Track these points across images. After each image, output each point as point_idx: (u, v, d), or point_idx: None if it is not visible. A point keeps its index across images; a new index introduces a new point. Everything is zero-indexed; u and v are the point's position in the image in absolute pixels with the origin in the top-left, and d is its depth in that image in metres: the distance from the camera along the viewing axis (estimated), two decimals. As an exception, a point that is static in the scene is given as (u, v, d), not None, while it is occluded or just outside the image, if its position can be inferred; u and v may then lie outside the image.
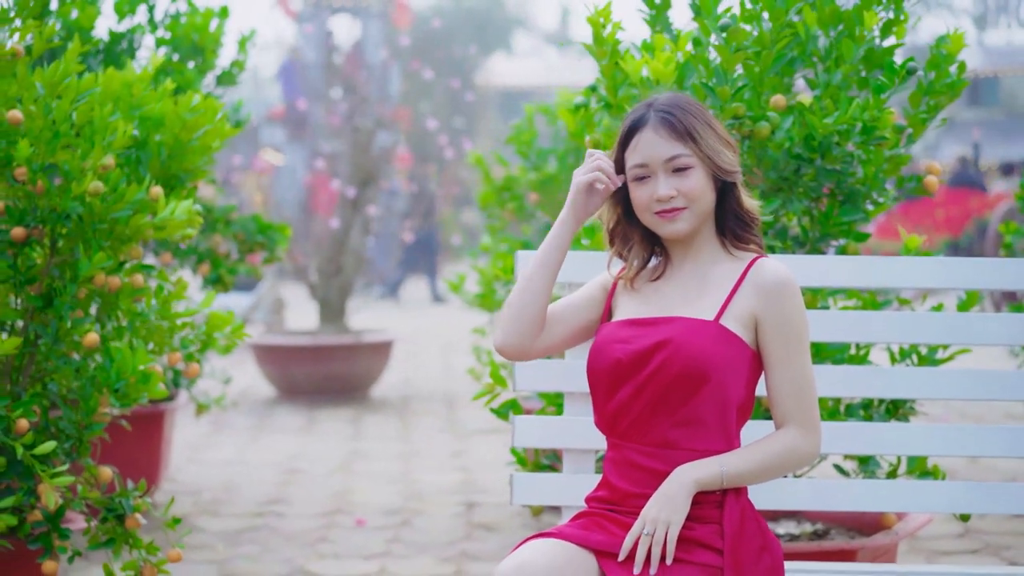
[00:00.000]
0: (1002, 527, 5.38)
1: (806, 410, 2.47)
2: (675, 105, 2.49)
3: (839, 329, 3.00)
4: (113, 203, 3.45)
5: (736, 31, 3.12)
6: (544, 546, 2.40)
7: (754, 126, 3.17)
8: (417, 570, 4.76)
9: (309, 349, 8.99)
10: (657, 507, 2.38)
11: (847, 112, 3.17)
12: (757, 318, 2.47)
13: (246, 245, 5.72)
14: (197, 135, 3.83)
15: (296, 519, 5.58)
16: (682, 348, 2.42)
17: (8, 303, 3.56)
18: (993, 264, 2.95)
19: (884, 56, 3.41)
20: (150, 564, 3.42)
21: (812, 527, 3.83)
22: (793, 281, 2.49)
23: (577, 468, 2.96)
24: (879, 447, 3.06)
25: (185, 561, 4.72)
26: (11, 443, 3.25)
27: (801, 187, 3.33)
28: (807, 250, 3.42)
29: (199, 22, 5.43)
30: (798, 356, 2.47)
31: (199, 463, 6.89)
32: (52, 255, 3.53)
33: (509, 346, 2.56)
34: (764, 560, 2.42)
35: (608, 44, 3.31)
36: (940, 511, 3.00)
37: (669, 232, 2.49)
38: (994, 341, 3.02)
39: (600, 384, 2.52)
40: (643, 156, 2.48)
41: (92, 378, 3.45)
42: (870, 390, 3.04)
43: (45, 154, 3.45)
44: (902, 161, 3.53)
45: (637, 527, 2.38)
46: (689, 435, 2.44)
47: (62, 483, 3.25)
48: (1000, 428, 2.98)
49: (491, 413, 3.51)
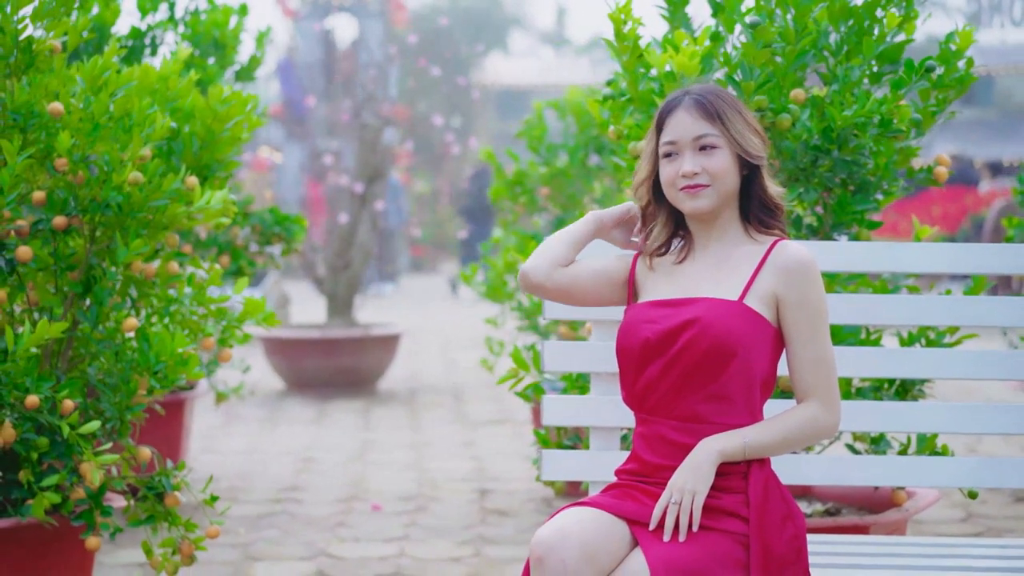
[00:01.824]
0: (1004, 512, 5.52)
1: (826, 385, 2.60)
2: (709, 91, 2.63)
3: (852, 312, 3.12)
4: (151, 193, 3.57)
5: (763, 29, 3.25)
6: (581, 514, 2.52)
7: (776, 118, 3.30)
8: (436, 553, 4.89)
9: (318, 342, 9.12)
10: (683, 477, 2.51)
11: (865, 106, 3.31)
12: (779, 297, 2.59)
13: (264, 237, 5.85)
14: (228, 126, 3.96)
15: (314, 505, 5.70)
16: (709, 327, 2.54)
17: (49, 290, 3.68)
18: (997, 250, 3.08)
19: (896, 52, 3.54)
20: (188, 540, 3.55)
21: (824, 507, 3.96)
22: (814, 262, 2.61)
23: (603, 445, 3.09)
24: (889, 425, 3.19)
25: (209, 545, 4.85)
26: (57, 423, 3.37)
27: (817, 178, 3.46)
28: (820, 238, 3.55)
29: (219, 19, 5.57)
30: (818, 334, 2.59)
31: (214, 452, 7.02)
32: (91, 243, 3.65)
33: (534, 273, 2.70)
34: (788, 528, 2.55)
35: (629, 40, 3.44)
36: (949, 486, 3.13)
37: (691, 208, 2.62)
38: (999, 323, 3.15)
39: (630, 362, 2.64)
40: (674, 134, 2.61)
41: (131, 361, 3.57)
42: (880, 370, 3.17)
43: (85, 145, 3.57)
44: (912, 153, 3.66)
45: (665, 496, 2.51)
46: (716, 410, 2.57)
47: (107, 462, 3.37)
48: (1006, 406, 3.11)
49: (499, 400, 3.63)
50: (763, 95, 3.27)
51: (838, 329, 3.44)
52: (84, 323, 3.62)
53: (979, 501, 5.70)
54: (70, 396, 3.43)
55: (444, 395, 9.27)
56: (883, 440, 3.66)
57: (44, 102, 3.61)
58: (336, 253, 9.58)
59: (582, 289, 2.75)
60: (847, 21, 3.43)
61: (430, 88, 20.57)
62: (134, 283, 3.71)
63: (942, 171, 3.57)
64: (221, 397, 5.86)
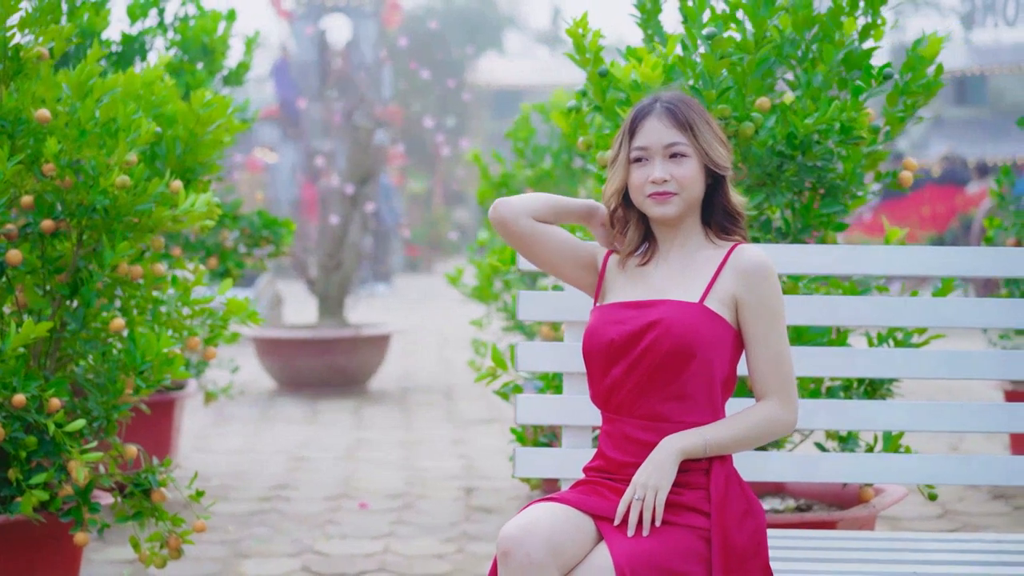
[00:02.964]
0: (981, 508, 5.61)
1: (784, 383, 2.69)
2: (680, 100, 2.72)
3: (821, 313, 3.21)
4: (137, 196, 3.66)
5: (720, 40, 3.35)
6: (547, 509, 2.61)
7: (739, 125, 3.39)
8: (420, 550, 4.98)
9: (310, 342, 9.22)
10: (646, 474, 2.60)
11: (827, 112, 3.40)
12: (738, 299, 2.68)
13: (252, 239, 5.94)
14: (210, 130, 4.05)
15: (303, 503, 5.79)
16: (671, 328, 2.63)
17: (37, 291, 3.77)
18: (960, 252, 3.17)
19: (863, 59, 3.62)
20: (175, 535, 3.64)
21: (795, 503, 4.05)
22: (771, 265, 2.70)
23: (575, 443, 3.17)
24: (857, 423, 3.27)
25: (199, 542, 4.94)
26: (44, 421, 3.46)
27: (783, 182, 3.55)
28: (790, 240, 3.64)
29: (208, 25, 5.65)
30: (775, 333, 2.69)
31: (206, 451, 7.10)
32: (79, 246, 3.74)
33: (505, 206, 2.79)
34: (748, 523, 2.64)
35: (591, 51, 3.53)
36: (912, 482, 3.22)
37: (658, 214, 2.71)
38: (966, 324, 3.24)
39: (595, 363, 2.73)
40: (645, 140, 2.70)
41: (118, 361, 3.66)
42: (848, 370, 3.26)
43: (72, 150, 3.66)
44: (880, 157, 3.75)
45: (629, 493, 2.60)
46: (678, 408, 2.65)
47: (92, 460, 3.46)
48: (969, 404, 3.20)
49: (490, 399, 3.73)
50: (725, 103, 3.36)
51: (805, 330, 3.53)
52: (71, 324, 3.71)
53: (957, 499, 5.80)
54: (57, 395, 3.52)
55: (435, 394, 9.36)
56: (851, 439, 3.74)
57: (32, 108, 3.70)
58: (327, 254, 9.68)
59: (542, 246, 2.82)
60: (811, 29, 3.52)
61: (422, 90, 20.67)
62: (120, 284, 3.79)
63: (907, 175, 3.66)
64: (210, 397, 5.94)
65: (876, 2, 3.63)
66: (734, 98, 3.47)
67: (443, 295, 18.94)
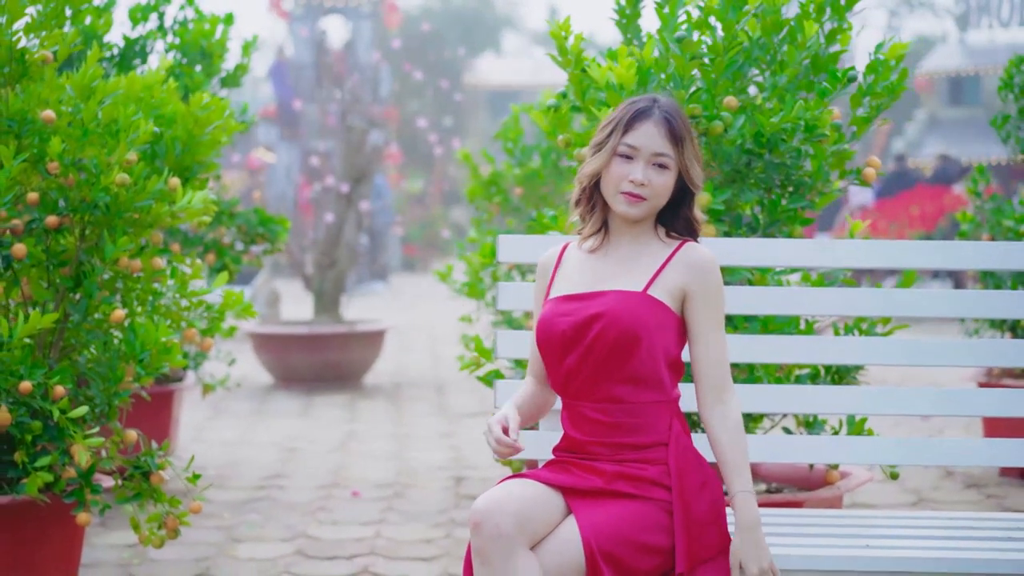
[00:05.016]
0: (954, 496, 5.79)
1: (726, 372, 2.87)
2: (677, 112, 2.88)
3: (789, 303, 3.39)
4: (137, 194, 3.84)
5: (690, 42, 3.53)
6: (518, 484, 2.79)
7: (709, 124, 3.58)
8: (410, 535, 5.16)
9: (305, 338, 9.40)
10: (756, 560, 2.74)
11: (791, 112, 3.58)
12: (685, 291, 2.86)
13: (248, 236, 6.12)
14: (208, 131, 4.24)
15: (296, 491, 5.98)
16: (617, 318, 2.81)
17: (41, 284, 3.95)
18: (915, 246, 3.35)
19: (829, 62, 3.81)
20: (173, 516, 3.82)
21: (766, 486, 4.24)
22: (717, 262, 2.90)
23: (550, 426, 3.35)
24: (822, 408, 3.46)
25: (195, 528, 5.12)
26: (49, 407, 3.64)
27: (752, 179, 3.73)
28: (759, 235, 3.82)
29: (206, 29, 5.84)
30: (719, 324, 2.88)
31: (203, 443, 7.29)
32: (81, 241, 3.92)
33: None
34: (706, 494, 2.82)
35: (572, 54, 3.71)
36: (872, 462, 3.41)
37: (624, 212, 2.88)
38: (925, 314, 3.42)
39: (550, 353, 2.91)
40: (637, 141, 2.85)
41: (118, 350, 3.84)
42: (813, 356, 3.44)
43: (75, 150, 3.84)
44: (847, 156, 3.93)
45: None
46: (630, 390, 2.83)
47: (95, 444, 3.64)
48: (927, 390, 3.39)
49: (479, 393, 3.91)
50: (696, 103, 3.54)
51: (771, 319, 3.71)
52: (74, 315, 3.89)
53: (932, 487, 5.98)
54: (61, 383, 3.70)
55: (427, 389, 9.55)
56: (817, 425, 3.93)
57: (37, 109, 3.88)
58: (323, 252, 9.86)
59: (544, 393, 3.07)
60: (779, 33, 3.71)
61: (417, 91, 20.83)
62: (121, 277, 3.97)
63: (870, 172, 3.84)
64: (208, 389, 6.13)
65: (841, 8, 3.82)
66: (705, 99, 3.65)
67: (437, 293, 19.12)
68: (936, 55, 27.07)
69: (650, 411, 2.84)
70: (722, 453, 2.82)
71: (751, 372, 3.77)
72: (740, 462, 2.81)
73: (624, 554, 2.72)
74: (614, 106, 3.45)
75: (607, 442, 2.84)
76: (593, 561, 2.69)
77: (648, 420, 2.83)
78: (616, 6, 4.17)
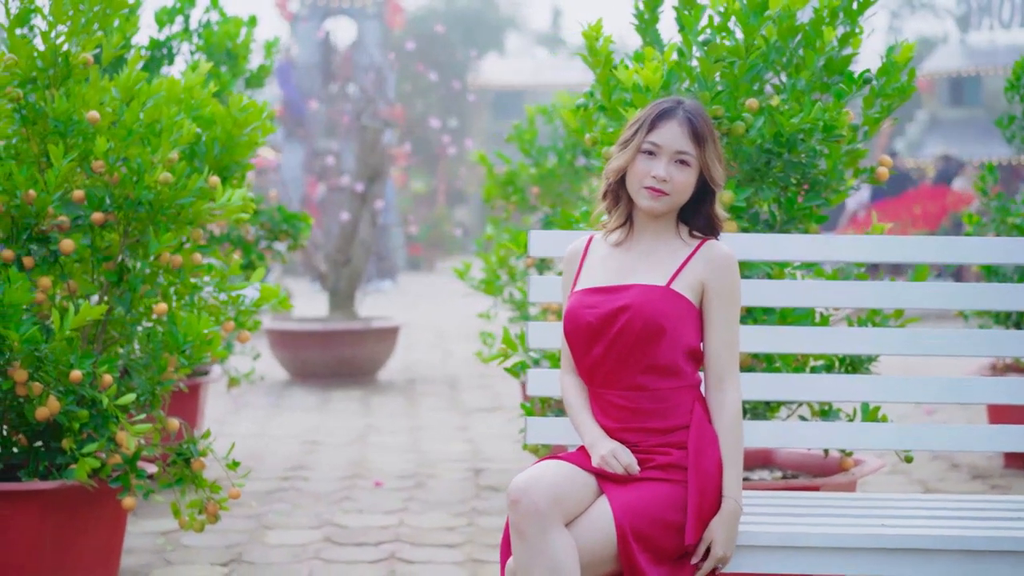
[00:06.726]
0: (961, 487, 5.95)
1: (734, 362, 3.05)
2: (700, 114, 3.04)
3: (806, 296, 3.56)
4: (178, 191, 4.00)
5: (715, 46, 3.70)
6: (553, 464, 2.95)
7: (731, 125, 3.75)
8: (433, 523, 5.33)
9: (321, 334, 9.57)
10: (724, 547, 2.93)
11: (810, 113, 3.75)
12: (705, 285, 3.04)
13: (272, 233, 6.29)
14: (246, 131, 4.41)
15: (320, 482, 6.14)
16: (641, 310, 2.98)
17: (87, 278, 4.11)
18: (920, 241, 3.52)
19: (843, 64, 3.97)
20: (213, 501, 3.98)
21: (783, 474, 4.40)
22: (736, 260, 3.07)
23: (581, 413, 3.51)
24: (837, 395, 3.62)
25: (226, 516, 5.28)
26: (98, 395, 3.81)
27: (771, 178, 3.90)
28: (776, 231, 3.99)
29: (231, 30, 6.00)
30: (734, 319, 3.06)
31: (225, 435, 7.44)
32: (125, 236, 4.09)
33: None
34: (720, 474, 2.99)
35: (601, 55, 3.88)
36: (885, 448, 3.57)
37: (646, 207, 3.04)
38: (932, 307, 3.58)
39: (577, 344, 3.08)
40: (661, 138, 3.01)
41: (161, 342, 4.00)
42: (826, 347, 3.60)
43: (119, 149, 4.01)
44: (860, 155, 4.09)
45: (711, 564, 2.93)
46: (654, 379, 3.01)
47: (141, 431, 3.81)
48: (936, 378, 3.55)
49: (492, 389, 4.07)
50: (718, 104, 3.71)
51: (790, 312, 3.87)
52: (118, 308, 4.05)
53: (938, 478, 6.14)
54: (109, 372, 3.86)
55: (440, 384, 9.72)
56: (831, 413, 4.09)
57: (82, 111, 4.05)
58: (337, 249, 10.03)
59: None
60: (795, 37, 3.87)
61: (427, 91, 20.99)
62: (163, 272, 4.14)
63: (883, 171, 4.00)
64: (234, 382, 6.29)
65: (853, 13, 3.98)
66: (726, 100, 3.82)
67: (445, 292, 19.29)
68: (937, 56, 27.24)
69: (673, 396, 3.01)
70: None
71: (769, 362, 3.93)
72: (731, 454, 2.99)
73: (653, 532, 2.89)
74: (640, 106, 3.61)
75: (634, 427, 3.01)
76: (624, 539, 2.86)
77: (672, 404, 3.01)
78: (635, 11, 4.33)
